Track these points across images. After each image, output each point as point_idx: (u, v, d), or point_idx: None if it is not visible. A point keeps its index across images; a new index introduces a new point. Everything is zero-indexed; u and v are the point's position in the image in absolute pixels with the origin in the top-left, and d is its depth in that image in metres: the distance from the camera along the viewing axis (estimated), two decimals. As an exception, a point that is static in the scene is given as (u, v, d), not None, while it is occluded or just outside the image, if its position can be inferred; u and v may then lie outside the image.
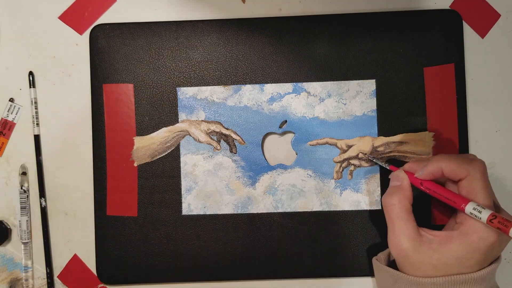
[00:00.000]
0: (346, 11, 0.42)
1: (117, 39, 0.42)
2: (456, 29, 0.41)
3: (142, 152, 0.42)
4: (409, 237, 0.34)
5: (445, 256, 0.33)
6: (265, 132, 0.42)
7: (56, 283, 0.43)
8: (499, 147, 0.42)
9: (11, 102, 0.43)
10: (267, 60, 0.42)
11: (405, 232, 0.34)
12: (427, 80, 0.41)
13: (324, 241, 0.41)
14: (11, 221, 0.43)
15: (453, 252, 0.33)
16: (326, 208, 0.41)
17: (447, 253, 0.33)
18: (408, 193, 0.35)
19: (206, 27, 0.42)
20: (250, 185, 0.41)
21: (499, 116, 0.42)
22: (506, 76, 0.42)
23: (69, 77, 0.43)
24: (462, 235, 0.33)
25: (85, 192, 0.43)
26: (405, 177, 0.36)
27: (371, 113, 0.41)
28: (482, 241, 0.32)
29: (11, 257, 0.43)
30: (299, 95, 0.41)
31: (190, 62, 0.42)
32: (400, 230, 0.34)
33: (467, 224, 0.33)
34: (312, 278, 0.42)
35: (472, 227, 0.33)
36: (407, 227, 0.34)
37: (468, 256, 0.32)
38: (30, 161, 0.43)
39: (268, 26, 0.42)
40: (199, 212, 0.42)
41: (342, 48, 0.41)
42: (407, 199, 0.35)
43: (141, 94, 0.42)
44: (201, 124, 0.42)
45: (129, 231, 0.42)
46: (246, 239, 0.41)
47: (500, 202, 0.42)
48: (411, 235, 0.34)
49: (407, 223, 0.34)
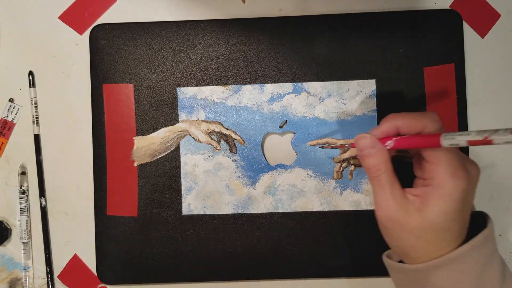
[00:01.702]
0: (346, 11, 0.42)
1: (117, 39, 0.42)
2: (456, 29, 0.41)
3: (142, 152, 0.42)
4: (397, 201, 0.33)
5: (431, 214, 0.32)
6: (265, 132, 0.42)
7: (56, 283, 0.43)
8: (499, 147, 0.42)
9: (10, 102, 0.43)
10: (267, 60, 0.42)
11: (394, 196, 0.33)
12: (427, 80, 0.41)
13: (324, 241, 0.41)
14: (11, 221, 0.43)
15: (436, 208, 0.32)
16: (326, 208, 0.41)
17: (431, 210, 0.32)
18: (387, 156, 0.34)
19: (206, 27, 0.42)
20: (250, 185, 0.41)
21: (499, 116, 0.42)
22: (506, 76, 0.42)
23: (69, 77, 0.43)
24: (437, 189, 0.32)
25: (85, 192, 0.43)
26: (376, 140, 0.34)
27: (371, 113, 0.41)
28: (456, 188, 0.31)
29: (11, 257, 0.43)
30: (299, 95, 0.41)
31: (190, 62, 0.42)
32: (390, 194, 0.33)
33: (438, 176, 0.32)
34: (312, 278, 0.42)
35: (444, 177, 0.31)
36: (395, 190, 0.33)
37: (449, 208, 0.31)
38: (30, 161, 0.43)
39: (268, 26, 0.42)
40: (199, 212, 0.42)
41: (342, 48, 0.41)
42: (389, 161, 0.34)
43: (141, 94, 0.42)
44: (201, 124, 0.42)
45: (129, 231, 0.42)
46: (246, 239, 0.41)
47: (500, 202, 0.42)
48: (399, 198, 0.33)
49: (394, 186, 0.33)
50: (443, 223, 0.32)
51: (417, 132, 0.33)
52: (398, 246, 0.34)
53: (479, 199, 0.42)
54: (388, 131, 0.34)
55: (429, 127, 0.32)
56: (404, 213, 0.33)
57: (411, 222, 0.32)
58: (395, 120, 0.33)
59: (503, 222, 0.42)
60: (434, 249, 0.33)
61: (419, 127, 0.33)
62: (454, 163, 0.31)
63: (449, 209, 0.31)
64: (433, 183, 0.32)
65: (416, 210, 0.32)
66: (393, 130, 0.34)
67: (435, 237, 0.32)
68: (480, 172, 0.33)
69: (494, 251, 0.33)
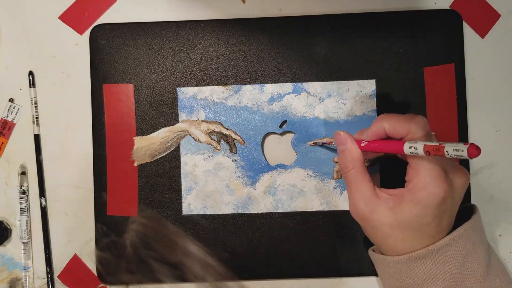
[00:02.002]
0: (346, 11, 0.42)
1: (117, 39, 0.42)
2: (456, 29, 0.41)
3: (142, 152, 0.42)
4: (365, 199, 0.34)
5: (401, 215, 0.32)
6: (265, 132, 0.42)
7: (56, 283, 0.43)
8: (499, 147, 0.42)
9: (10, 102, 0.43)
10: (267, 60, 0.42)
11: (361, 194, 0.34)
12: (427, 80, 0.41)
13: (324, 241, 0.41)
14: (11, 221, 0.43)
15: (407, 210, 0.32)
16: (326, 208, 0.41)
17: (402, 212, 0.32)
18: (356, 154, 0.35)
19: (206, 27, 0.42)
20: (250, 185, 0.41)
21: (499, 116, 0.42)
22: (506, 76, 0.42)
23: (69, 77, 0.43)
24: (411, 193, 0.32)
25: (85, 192, 0.43)
26: (347, 137, 0.35)
27: (371, 113, 0.41)
28: (431, 196, 0.31)
29: (11, 257, 0.43)
30: (299, 95, 0.41)
31: (190, 62, 0.42)
32: (356, 192, 0.34)
33: (414, 182, 0.32)
34: (312, 278, 0.42)
35: (419, 183, 0.32)
36: (363, 189, 0.34)
37: (421, 213, 0.32)
38: (30, 161, 0.43)
39: (268, 26, 0.42)
40: (199, 212, 0.42)
41: (342, 48, 0.41)
42: (358, 160, 0.35)
43: (141, 94, 0.42)
44: (201, 124, 0.42)
45: (129, 231, 0.42)
46: (246, 239, 0.41)
47: (500, 202, 0.42)
48: (367, 196, 0.34)
49: (362, 185, 0.34)
50: (413, 225, 0.32)
51: (401, 136, 0.33)
52: (373, 241, 0.36)
53: (479, 199, 0.42)
54: (377, 132, 0.34)
55: (413, 132, 0.32)
56: (371, 211, 0.34)
57: (379, 220, 0.33)
58: (382, 121, 0.34)
59: (503, 222, 0.42)
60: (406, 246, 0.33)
61: (403, 131, 0.33)
62: (434, 171, 0.32)
63: (419, 214, 0.32)
64: (409, 186, 0.33)
65: (388, 208, 0.33)
66: (381, 132, 0.34)
67: (405, 236, 0.33)
68: (469, 179, 0.34)
69: (479, 242, 0.34)
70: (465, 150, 0.27)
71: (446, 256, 0.33)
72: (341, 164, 0.36)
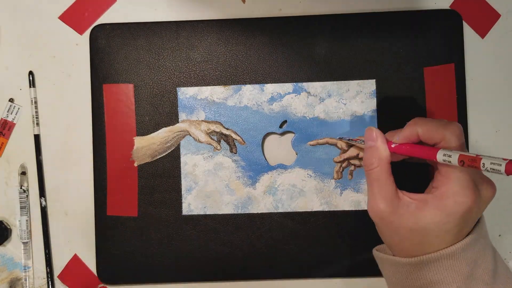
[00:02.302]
0: (346, 11, 0.42)
1: (117, 39, 0.42)
2: (456, 29, 0.41)
3: (142, 152, 0.42)
4: (387, 199, 0.33)
5: (422, 220, 0.32)
6: (265, 132, 0.42)
7: (56, 283, 0.43)
8: (499, 147, 0.42)
9: (10, 102, 0.43)
10: (267, 60, 0.42)
11: (382, 194, 0.33)
12: (427, 80, 0.41)
13: (324, 241, 0.41)
14: (11, 221, 0.43)
15: (429, 216, 0.32)
16: (326, 208, 0.41)
17: (424, 217, 0.32)
18: (384, 153, 0.34)
19: (206, 27, 0.42)
20: (250, 185, 0.41)
21: (499, 116, 0.42)
22: (506, 76, 0.42)
23: (69, 77, 0.43)
24: (437, 199, 0.32)
25: (85, 192, 0.43)
26: (378, 135, 0.35)
27: (371, 113, 0.41)
28: (458, 205, 0.31)
29: (11, 257, 0.43)
30: (299, 95, 0.41)
31: (190, 62, 0.42)
32: (378, 191, 0.34)
33: (442, 189, 0.32)
34: (312, 278, 0.42)
35: (448, 191, 0.32)
36: (385, 189, 0.33)
37: (444, 220, 0.32)
38: (30, 161, 0.43)
39: (268, 26, 0.42)
40: (199, 212, 0.42)
41: (342, 48, 0.41)
42: (385, 159, 0.34)
43: (141, 94, 0.42)
44: (201, 124, 0.42)
45: (129, 231, 0.42)
46: (246, 239, 0.41)
47: (500, 202, 0.42)
48: (388, 197, 0.33)
49: (385, 185, 0.34)
50: (434, 231, 0.32)
51: (434, 142, 0.33)
52: (386, 242, 0.35)
53: (479, 199, 0.42)
54: (409, 136, 0.34)
55: (448, 140, 0.32)
56: (391, 212, 0.33)
57: (398, 222, 0.33)
58: (416, 126, 0.33)
59: (503, 222, 0.42)
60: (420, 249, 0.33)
61: (437, 138, 0.33)
62: (465, 181, 0.32)
63: (442, 220, 0.32)
64: (436, 193, 0.32)
65: (409, 212, 0.33)
66: (414, 136, 0.34)
67: (423, 241, 0.33)
68: (495, 192, 0.33)
69: (486, 245, 0.34)
70: (503, 165, 0.26)
71: (458, 260, 0.32)
72: (365, 160, 0.35)
